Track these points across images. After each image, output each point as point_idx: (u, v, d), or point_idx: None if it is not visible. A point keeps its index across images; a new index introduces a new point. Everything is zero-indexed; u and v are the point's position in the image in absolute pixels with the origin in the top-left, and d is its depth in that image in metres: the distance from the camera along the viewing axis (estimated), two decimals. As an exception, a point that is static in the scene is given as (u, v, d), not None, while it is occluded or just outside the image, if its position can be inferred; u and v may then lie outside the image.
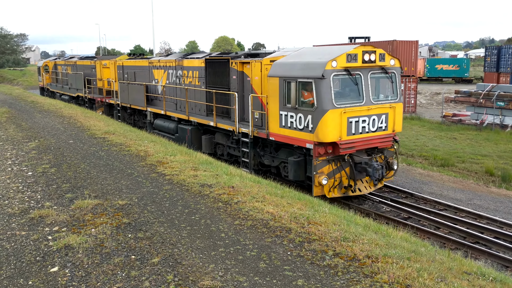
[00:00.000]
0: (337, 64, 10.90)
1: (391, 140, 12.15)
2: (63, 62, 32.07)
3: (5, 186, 8.61)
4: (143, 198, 7.67)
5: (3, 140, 13.12)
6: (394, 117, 12.07)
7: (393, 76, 12.16)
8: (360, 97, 11.33)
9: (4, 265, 5.42)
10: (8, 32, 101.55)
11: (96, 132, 13.89)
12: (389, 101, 11.97)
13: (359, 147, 11.41)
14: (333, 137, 10.95)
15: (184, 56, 17.47)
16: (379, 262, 5.18)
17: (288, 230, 6.21)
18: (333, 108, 10.83)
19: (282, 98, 11.88)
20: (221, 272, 5.08)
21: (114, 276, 5.05)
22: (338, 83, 11.23)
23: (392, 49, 30.16)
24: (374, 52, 11.56)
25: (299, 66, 11.51)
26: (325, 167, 11.25)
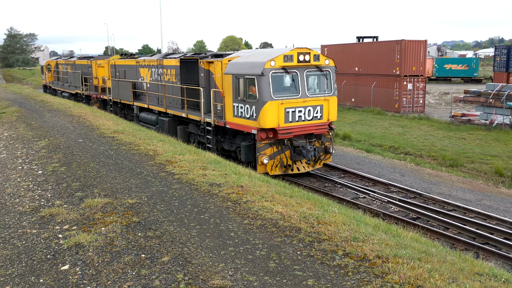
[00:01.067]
0: (275, 63, 13.03)
1: (326, 127, 14.22)
2: (64, 62, 34.05)
3: (16, 184, 8.67)
4: (153, 197, 7.70)
5: (14, 139, 13.22)
6: (328, 108, 14.10)
7: (328, 74, 14.15)
8: (297, 91, 13.45)
9: (15, 263, 5.46)
10: (17, 32, 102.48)
11: (105, 131, 13.95)
12: (323, 95, 14.06)
13: (296, 133, 13.54)
14: (272, 124, 13.09)
15: (164, 56, 19.77)
16: (389, 262, 5.16)
17: (298, 229, 6.20)
18: (271, 100, 12.96)
19: (234, 92, 14.01)
20: (231, 271, 5.08)
21: (125, 275, 5.07)
22: (277, 79, 13.22)
23: (401, 48, 30.03)
24: (309, 53, 13.58)
25: (247, 65, 13.64)
26: (268, 149, 13.42)
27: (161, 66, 18.97)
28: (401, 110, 30.52)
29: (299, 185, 12.71)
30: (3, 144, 12.50)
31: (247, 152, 13.91)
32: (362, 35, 35.97)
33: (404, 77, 30.37)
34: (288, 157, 13.70)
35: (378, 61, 32.11)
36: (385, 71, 31.39)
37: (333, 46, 37.39)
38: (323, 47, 38.25)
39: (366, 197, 13.15)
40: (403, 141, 21.76)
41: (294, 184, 12.62)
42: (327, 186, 14.27)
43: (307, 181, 14.67)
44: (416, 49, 30.58)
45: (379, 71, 31.97)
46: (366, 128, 25.62)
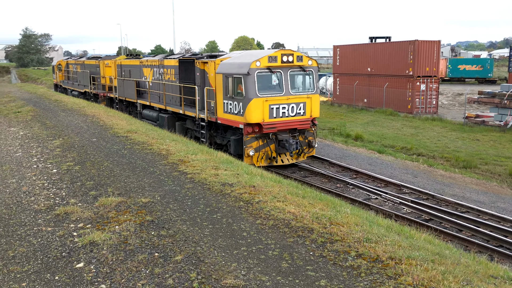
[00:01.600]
0: (261, 64, 14.16)
1: (309, 123, 15.27)
2: (74, 62, 35.67)
3: (31, 183, 8.79)
4: (166, 196, 7.75)
5: (29, 138, 13.39)
6: (311, 106, 15.12)
7: (311, 73, 15.28)
8: (281, 89, 14.59)
9: (31, 260, 5.54)
10: (32, 32, 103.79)
11: (118, 130, 14.07)
12: (306, 93, 15.12)
13: (280, 128, 14.65)
14: (257, 119, 14.25)
15: (165, 57, 20.94)
16: (402, 264, 5.14)
17: (310, 230, 6.20)
18: (256, 97, 14.09)
19: (224, 90, 15.13)
20: (243, 271, 5.11)
21: (138, 273, 5.12)
22: (262, 78, 14.32)
23: (414, 49, 29.82)
24: (292, 54, 14.73)
25: (235, 65, 14.78)
26: (254, 143, 14.57)
27: (162, 66, 20.16)
28: (413, 111, 30.31)
29: (311, 186, 12.70)
30: (18, 143, 12.67)
31: (236, 146, 15.06)
32: (374, 36, 35.77)
33: (417, 78, 30.15)
34: (273, 150, 14.91)
35: (391, 61, 31.93)
36: (398, 72, 31.20)
37: (345, 47, 37.25)
38: (335, 48, 38.12)
39: (378, 198, 13.10)
40: (416, 142, 21.62)
41: (307, 184, 12.61)
42: (339, 186, 14.23)
43: (318, 181, 14.65)
44: (430, 49, 30.34)
45: (391, 72, 31.78)
46: (378, 129, 25.49)
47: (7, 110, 20.28)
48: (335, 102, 37.53)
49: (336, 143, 21.26)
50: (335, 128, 25.49)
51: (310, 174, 15.56)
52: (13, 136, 13.80)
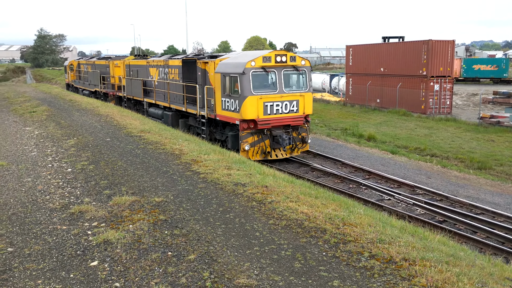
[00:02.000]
0: (255, 64, 14.97)
1: (302, 120, 15.97)
2: (85, 62, 36.65)
3: (46, 181, 8.89)
4: (179, 195, 7.79)
5: (44, 137, 13.55)
6: (304, 103, 15.84)
7: (304, 73, 16.00)
8: (275, 88, 15.35)
9: (47, 258, 5.61)
10: (47, 32, 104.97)
11: (132, 130, 14.17)
12: (299, 91, 15.87)
13: (274, 124, 15.41)
14: (252, 116, 15.03)
15: (170, 57, 21.91)
16: (416, 265, 5.10)
17: (323, 230, 6.19)
18: (251, 95, 14.89)
19: (222, 88, 15.95)
20: (256, 270, 5.11)
21: (152, 272, 5.15)
22: (257, 77, 15.11)
23: (428, 48, 29.57)
24: (285, 55, 15.54)
25: (232, 65, 15.64)
26: (249, 138, 15.35)
27: (167, 66, 21.09)
28: (427, 111, 30.05)
29: (324, 186, 12.67)
30: (34, 142, 12.83)
31: (234, 141, 15.86)
32: (388, 35, 35.44)
33: (431, 78, 29.89)
34: (267, 145, 15.70)
35: (404, 61, 31.69)
36: (411, 72, 30.95)
37: (358, 46, 37.07)
38: (348, 47, 37.95)
39: (391, 199, 13.02)
40: (429, 142, 21.43)
41: (319, 185, 12.58)
42: (352, 187, 14.17)
43: (330, 182, 14.60)
44: (444, 49, 30.05)
45: (405, 72, 31.54)
46: (391, 129, 25.32)
47: (22, 110, 20.54)
48: (347, 102, 37.37)
49: (348, 144, 21.17)
50: (347, 129, 25.37)
51: (323, 175, 15.52)
52: (29, 136, 13.97)
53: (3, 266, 5.40)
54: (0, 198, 7.93)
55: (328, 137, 22.93)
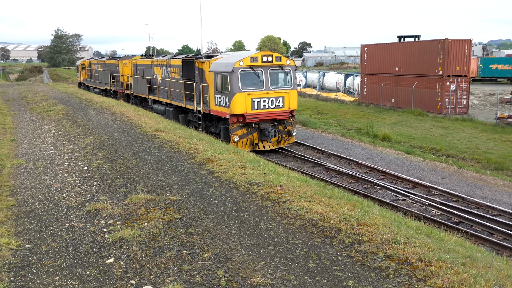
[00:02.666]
0: (243, 63, 16.35)
1: (287, 114, 17.31)
2: (96, 62, 38.38)
3: (63, 179, 9.01)
4: (193, 194, 7.83)
5: (61, 136, 13.72)
6: (289, 99, 17.17)
7: (289, 72, 17.33)
8: (261, 85, 16.75)
9: (63, 255, 5.69)
10: (64, 32, 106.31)
11: (147, 129, 14.27)
12: (284, 88, 17.18)
13: (261, 118, 16.80)
14: (241, 111, 16.41)
15: (172, 57, 23.23)
16: (432, 266, 5.06)
17: (338, 230, 6.16)
18: (240, 92, 16.29)
19: (215, 86, 17.37)
20: (270, 270, 5.12)
21: (167, 270, 5.19)
22: (245, 76, 16.47)
23: (444, 48, 29.25)
24: (271, 55, 16.93)
25: (223, 65, 17.05)
26: (239, 131, 16.77)
27: (169, 65, 22.42)
28: (443, 111, 29.73)
29: (338, 186, 12.62)
30: (50, 141, 13.00)
31: (226, 134, 17.17)
32: (403, 35, 35.07)
33: (447, 78, 29.56)
34: (255, 137, 17.09)
35: (419, 61, 31.38)
36: (427, 71, 30.65)
37: (373, 46, 36.82)
38: (363, 47, 37.72)
39: (406, 200, 12.91)
40: (445, 143, 21.21)
41: (334, 185, 12.54)
42: (366, 187, 14.10)
43: (345, 182, 14.54)
44: (460, 48, 29.69)
45: (420, 71, 31.25)
46: (406, 129, 25.11)
47: (39, 109, 20.83)
48: (362, 102, 37.14)
49: (363, 144, 21.05)
50: (362, 128, 25.23)
51: (337, 175, 15.46)
52: (46, 134, 14.16)
53: (22, 263, 5.49)
54: (18, 196, 8.05)
55: (343, 137, 22.83)
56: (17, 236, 6.26)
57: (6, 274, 5.19)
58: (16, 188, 8.52)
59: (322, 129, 25.30)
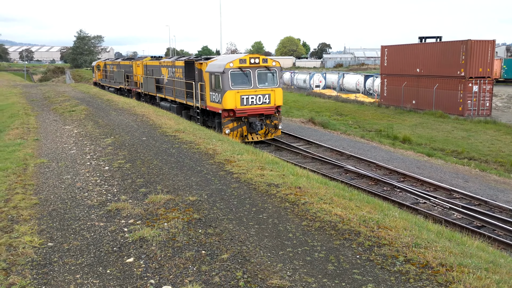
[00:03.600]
0: (233, 65, 18.52)
1: (273, 110, 19.34)
2: (111, 63, 41.05)
3: (85, 179, 9.14)
4: (212, 195, 7.86)
5: (83, 136, 13.93)
6: (275, 96, 19.24)
7: (274, 72, 19.49)
8: (250, 84, 18.85)
9: (85, 254, 5.77)
10: (86, 34, 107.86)
11: (167, 130, 14.39)
12: (270, 87, 19.27)
13: (250, 113, 18.87)
14: (231, 106, 18.52)
15: (176, 59, 25.38)
16: (454, 271, 4.98)
17: (357, 233, 6.12)
18: (230, 90, 18.41)
19: (210, 84, 19.54)
20: (289, 272, 5.11)
21: (186, 270, 5.22)
22: (234, 76, 18.59)
23: (466, 49, 28.79)
24: (258, 57, 19.15)
25: (216, 66, 19.27)
26: (230, 124, 18.79)
27: (174, 66, 24.55)
28: (465, 113, 29.26)
29: (358, 188, 12.52)
30: (73, 141, 13.21)
31: (219, 127, 19.16)
32: (424, 35, 34.65)
33: (469, 79, 29.09)
34: (245, 130, 19.12)
35: (441, 62, 30.95)
36: (449, 73, 30.21)
37: (393, 47, 36.46)
38: (383, 48, 37.38)
39: (427, 203, 12.75)
40: (467, 145, 20.86)
41: (353, 187, 12.45)
42: (386, 190, 13.96)
43: (364, 184, 14.42)
44: (483, 49, 29.19)
45: (442, 73, 30.82)
46: (427, 132, 24.78)
47: (62, 109, 21.18)
48: (382, 103, 36.80)
49: (383, 145, 20.85)
50: (382, 130, 25.00)
51: (357, 176, 15.35)
52: (68, 134, 14.40)
53: (44, 260, 5.59)
54: (41, 194, 8.21)
55: (362, 138, 22.65)
56: (40, 234, 6.38)
57: (29, 272, 5.29)
58: (39, 187, 8.69)
59: (341, 130, 25.14)
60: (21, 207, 7.45)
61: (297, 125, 26.74)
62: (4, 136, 14.67)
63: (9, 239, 6.16)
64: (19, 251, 5.80)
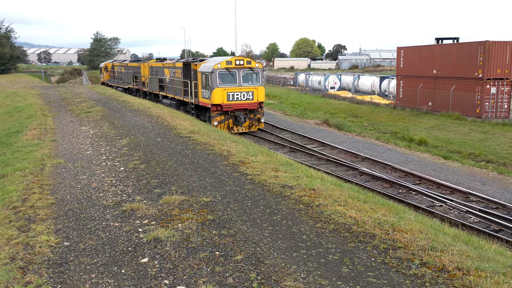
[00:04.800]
0: (221, 66, 21.24)
1: (256, 105, 21.99)
2: (119, 64, 44.35)
3: (100, 179, 9.23)
4: (226, 196, 7.87)
5: (98, 136, 14.07)
6: (257, 94, 21.86)
7: (257, 72, 22.13)
8: (235, 82, 21.56)
9: (100, 253, 5.82)
10: (103, 36, 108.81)
11: (181, 131, 14.46)
12: (254, 85, 21.90)
13: (235, 108, 21.58)
14: (218, 101, 21.18)
15: (177, 61, 28.19)
16: (470, 275, 4.90)
17: (372, 236, 6.06)
18: (218, 87, 21.11)
19: (201, 82, 22.36)
20: (303, 274, 5.08)
21: (200, 271, 5.23)
22: (222, 75, 21.31)
23: (484, 50, 28.40)
24: (243, 60, 21.83)
25: (206, 67, 21.99)
26: (218, 117, 21.47)
27: (174, 67, 27.27)
28: (482, 115, 28.86)
29: (373, 191, 12.42)
30: (89, 142, 13.35)
31: (209, 120, 21.62)
32: (441, 36, 34.24)
33: (487, 81, 28.69)
34: (231, 123, 21.80)
35: (458, 63, 30.59)
36: (466, 74, 29.83)
37: (409, 48, 36.15)
38: (399, 49, 37.08)
39: (443, 206, 12.59)
40: (485, 148, 20.56)
41: (368, 189, 12.35)
42: (402, 192, 13.82)
43: (379, 186, 14.30)
44: (502, 50, 28.77)
45: (459, 74, 30.45)
46: (443, 134, 24.50)
47: (79, 110, 21.42)
48: (398, 105, 36.49)
49: (398, 148, 20.66)
50: (397, 132, 24.78)
51: (372, 179, 15.23)
52: (84, 135, 14.55)
53: (60, 259, 5.65)
54: (58, 194, 8.30)
55: (377, 140, 22.48)
56: (56, 234, 6.45)
57: (45, 270, 5.35)
58: (55, 187, 8.79)
59: (356, 132, 24.99)
60: (38, 207, 7.55)
61: (312, 127, 26.65)
62: (22, 136, 14.90)
63: (26, 238, 6.25)
64: (36, 250, 5.88)
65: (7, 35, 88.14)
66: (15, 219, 7.06)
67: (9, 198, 8.14)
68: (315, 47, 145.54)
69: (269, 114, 32.44)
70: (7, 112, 24.82)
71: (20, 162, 10.87)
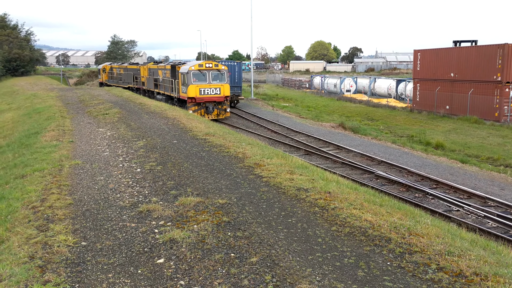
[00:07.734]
0: (194, 68, 27.65)
1: (223, 98, 28.26)
2: (117, 66, 51.51)
3: (117, 180, 9.33)
4: (242, 198, 7.89)
5: (115, 138, 14.23)
6: (224, 89, 28.21)
7: (224, 73, 28.46)
8: (206, 80, 27.85)
9: (117, 254, 5.89)
10: (120, 39, 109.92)
11: (197, 133, 14.54)
12: (221, 83, 28.19)
13: (206, 100, 27.81)
14: (193, 95, 27.40)
15: (167, 63, 34.43)
16: (489, 280, 4.84)
17: (388, 240, 6.02)
18: (192, 84, 27.39)
19: (181, 81, 28.62)
20: (318, 277, 5.07)
21: (215, 272, 5.26)
22: (195, 75, 27.59)
23: (503, 53, 28.01)
24: (211, 63, 28.37)
25: (184, 68, 28.01)
26: (193, 107, 27.63)
27: (165, 69, 33.41)
28: (501, 119, 28.44)
29: (389, 194, 12.33)
30: (106, 143, 13.51)
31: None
32: (459, 39, 33.89)
33: (506, 84, 28.28)
34: (203, 112, 27.88)
35: (476, 66, 30.21)
36: (485, 77, 29.45)
37: (426, 51, 35.82)
38: (416, 52, 36.77)
39: (460, 210, 12.44)
40: (504, 152, 20.26)
41: (384, 193, 12.27)
42: (418, 196, 13.69)
43: (395, 190, 14.18)
44: (521, 53, 28.30)
45: (477, 77, 30.07)
46: (461, 137, 24.21)
47: (96, 112, 21.68)
48: (414, 108, 36.18)
49: (415, 151, 20.47)
50: (414, 136, 24.57)
51: (388, 182, 15.12)
52: (101, 137, 14.73)
53: (78, 259, 5.73)
54: (75, 195, 8.42)
55: (394, 144, 22.30)
56: (74, 234, 6.55)
57: (63, 270, 5.43)
58: (73, 187, 8.92)
59: (372, 135, 24.83)
60: (56, 207, 7.67)
61: (327, 130, 26.56)
62: (41, 137, 15.14)
63: (44, 238, 6.35)
64: (54, 249, 5.97)
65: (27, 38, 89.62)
66: (34, 218, 7.18)
67: (28, 198, 8.29)
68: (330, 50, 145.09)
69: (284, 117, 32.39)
70: (27, 113, 25.23)
71: (39, 163, 11.05)
